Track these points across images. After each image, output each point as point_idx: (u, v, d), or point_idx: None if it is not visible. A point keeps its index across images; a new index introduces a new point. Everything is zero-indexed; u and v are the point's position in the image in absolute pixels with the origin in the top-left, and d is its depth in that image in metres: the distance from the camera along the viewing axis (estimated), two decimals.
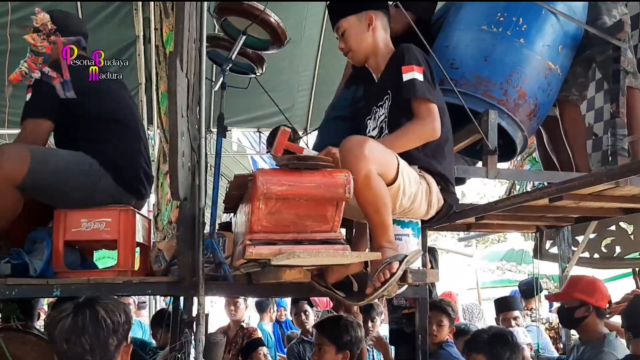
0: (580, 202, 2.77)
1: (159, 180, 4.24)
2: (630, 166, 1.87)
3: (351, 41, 2.51)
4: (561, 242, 3.79)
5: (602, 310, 3.12)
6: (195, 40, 2.34)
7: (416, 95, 2.29)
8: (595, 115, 3.58)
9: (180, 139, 1.96)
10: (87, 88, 2.68)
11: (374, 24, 2.50)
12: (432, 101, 2.30)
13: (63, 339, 1.79)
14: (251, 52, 3.09)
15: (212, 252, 2.61)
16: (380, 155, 2.09)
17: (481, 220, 3.20)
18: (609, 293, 3.18)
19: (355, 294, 2.21)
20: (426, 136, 2.30)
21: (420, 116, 2.30)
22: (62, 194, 2.54)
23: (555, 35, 2.73)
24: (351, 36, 2.50)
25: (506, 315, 4.41)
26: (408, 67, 2.32)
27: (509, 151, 2.85)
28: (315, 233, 2.04)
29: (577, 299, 3.13)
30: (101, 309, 1.84)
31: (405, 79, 2.31)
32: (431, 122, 2.29)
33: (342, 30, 2.52)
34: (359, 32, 2.49)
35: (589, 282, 3.22)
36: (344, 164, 2.07)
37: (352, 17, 2.49)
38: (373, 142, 2.11)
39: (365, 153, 2.03)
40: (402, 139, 2.27)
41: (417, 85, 2.29)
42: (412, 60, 2.33)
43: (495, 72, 2.68)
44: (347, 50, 2.53)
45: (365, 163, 2.03)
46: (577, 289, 3.18)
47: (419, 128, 2.29)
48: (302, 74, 6.30)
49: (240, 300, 4.85)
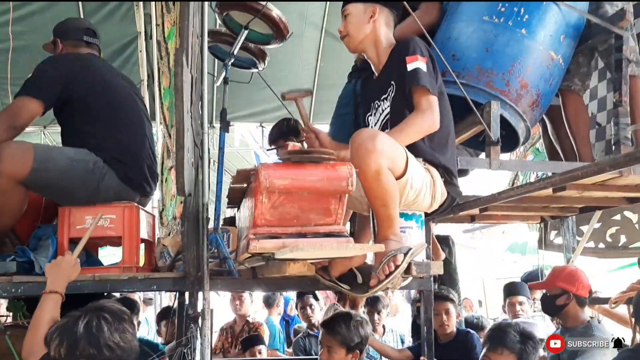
0: (584, 192, 2.76)
1: (162, 175, 4.25)
2: (634, 155, 1.86)
3: (350, 26, 2.53)
4: (566, 232, 3.79)
5: (582, 299, 3.24)
6: (197, 36, 2.34)
7: (419, 84, 2.30)
8: (599, 105, 3.57)
9: (186, 134, 1.96)
10: (95, 83, 2.69)
11: (376, 17, 2.51)
12: (433, 93, 2.31)
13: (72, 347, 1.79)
14: (253, 46, 3.08)
15: (216, 247, 2.61)
16: (391, 149, 2.10)
17: (485, 212, 3.20)
18: (589, 284, 3.30)
19: (359, 286, 2.21)
20: (426, 129, 2.31)
21: (420, 108, 2.30)
22: (65, 191, 2.55)
23: (557, 25, 2.72)
24: (352, 22, 2.53)
25: (512, 300, 4.45)
26: (412, 57, 2.34)
27: (512, 142, 2.84)
28: (318, 226, 2.05)
29: (559, 288, 3.26)
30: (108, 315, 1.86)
31: (410, 68, 2.32)
32: (430, 114, 2.29)
33: (346, 13, 2.55)
34: (361, 21, 2.52)
35: (571, 272, 3.36)
36: (354, 157, 2.07)
37: (360, 5, 2.52)
38: (384, 136, 2.11)
39: (377, 147, 2.04)
40: (404, 133, 2.27)
41: (421, 74, 2.30)
42: (416, 51, 2.35)
43: (497, 63, 2.67)
44: (345, 34, 2.56)
45: (376, 157, 2.03)
46: (559, 278, 3.31)
47: (419, 121, 2.29)
48: (304, 67, 6.29)
49: (246, 295, 4.86)
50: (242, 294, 4.80)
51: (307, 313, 4.90)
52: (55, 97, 2.62)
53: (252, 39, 2.92)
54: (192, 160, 2.19)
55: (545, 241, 4.05)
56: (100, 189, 2.58)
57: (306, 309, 4.93)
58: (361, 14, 2.52)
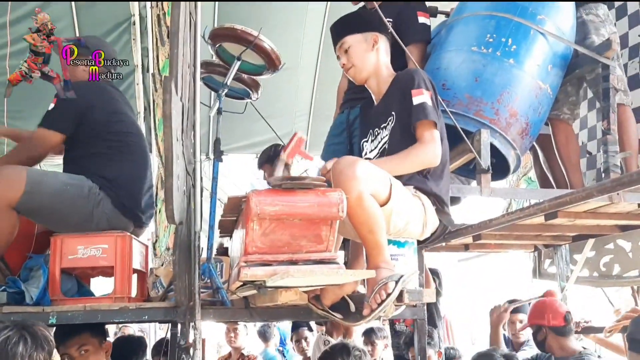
0: (576, 219, 2.77)
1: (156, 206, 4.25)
2: (621, 180, 1.88)
3: (355, 57, 2.54)
4: (559, 261, 3.79)
5: (559, 329, 3.25)
6: (190, 65, 2.37)
7: (427, 119, 2.32)
8: (589, 134, 3.61)
9: (175, 162, 1.97)
10: (110, 112, 2.74)
11: (379, 44, 2.54)
12: (437, 127, 2.34)
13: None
14: (246, 77, 3.12)
15: (209, 277, 2.61)
16: (372, 176, 2.11)
17: (478, 240, 3.21)
18: (562, 309, 3.32)
19: (352, 315, 2.20)
20: (428, 162, 2.32)
21: (424, 141, 2.32)
22: (57, 216, 2.55)
23: (545, 55, 2.77)
24: (356, 52, 2.53)
25: (513, 317, 4.42)
26: (418, 90, 2.35)
27: (503, 170, 2.87)
28: (310, 253, 2.04)
29: (533, 325, 3.36)
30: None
31: (416, 102, 2.34)
32: (433, 148, 2.31)
33: (347, 45, 2.55)
34: (365, 50, 2.53)
35: (537, 306, 3.43)
36: (336, 185, 2.08)
37: (358, 35, 2.54)
38: (364, 163, 2.13)
39: (357, 174, 2.05)
40: (404, 162, 2.29)
41: (428, 109, 2.32)
42: (421, 84, 2.36)
43: (486, 92, 2.71)
44: (350, 66, 2.56)
45: (357, 183, 2.04)
46: (531, 315, 3.41)
47: (422, 153, 2.31)
48: (300, 99, 6.36)
49: (240, 326, 4.81)
50: (237, 325, 4.76)
51: (302, 346, 4.86)
52: (75, 126, 2.68)
53: (244, 69, 2.97)
54: (183, 189, 2.20)
55: (540, 270, 4.04)
56: (94, 215, 2.59)
57: (301, 342, 4.89)
58: (362, 43, 2.53)
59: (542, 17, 2.76)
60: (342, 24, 2.63)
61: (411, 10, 2.99)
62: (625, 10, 3.32)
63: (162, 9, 3.28)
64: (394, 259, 2.25)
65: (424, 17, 3.00)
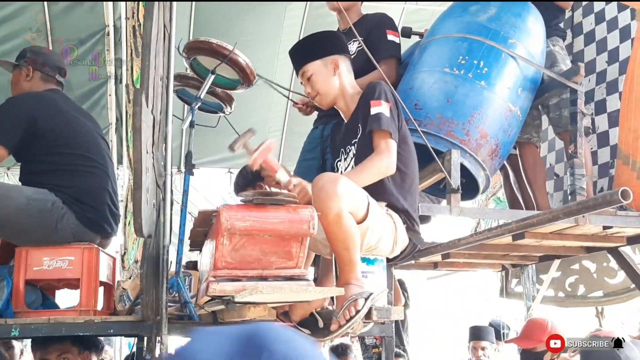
0: (542, 240, 2.83)
1: (126, 219, 4.20)
2: (585, 203, 1.93)
3: (319, 85, 2.54)
4: (526, 280, 3.84)
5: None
6: (163, 78, 2.36)
7: (380, 128, 2.33)
8: (557, 156, 3.68)
9: (145, 174, 1.96)
10: (59, 122, 2.67)
11: (340, 67, 2.55)
12: (393, 137, 2.35)
13: None
14: (220, 91, 3.12)
15: (177, 291, 2.57)
16: (352, 193, 2.12)
17: (447, 259, 3.24)
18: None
19: (320, 331, 2.20)
20: (383, 171, 2.33)
21: (379, 150, 2.34)
22: (21, 230, 2.51)
23: (515, 78, 2.83)
24: (318, 80, 2.54)
25: (475, 344, 4.44)
26: (376, 101, 2.38)
27: (472, 190, 2.91)
28: (279, 269, 2.04)
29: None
30: None
31: (373, 112, 2.36)
32: (388, 157, 2.32)
33: (308, 74, 2.55)
34: (326, 76, 2.54)
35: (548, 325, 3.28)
36: (316, 201, 2.08)
37: (318, 62, 2.54)
38: (345, 180, 2.13)
39: (338, 191, 2.05)
40: (361, 175, 2.30)
41: (383, 118, 2.34)
42: (381, 96, 2.39)
43: (457, 113, 2.75)
44: (315, 94, 2.57)
45: (337, 201, 2.05)
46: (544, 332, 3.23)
47: (377, 163, 2.32)
48: (274, 114, 6.36)
49: None
50: None
51: None
52: (18, 139, 2.59)
53: (219, 83, 2.96)
54: (153, 202, 2.18)
55: (507, 289, 4.09)
56: (58, 229, 2.54)
57: None
58: (323, 69, 2.53)
59: (514, 41, 2.83)
60: (299, 51, 2.64)
61: (381, 29, 3.06)
62: (593, 37, 3.41)
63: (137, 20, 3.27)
64: (364, 276, 2.26)
65: (393, 35, 3.07)
